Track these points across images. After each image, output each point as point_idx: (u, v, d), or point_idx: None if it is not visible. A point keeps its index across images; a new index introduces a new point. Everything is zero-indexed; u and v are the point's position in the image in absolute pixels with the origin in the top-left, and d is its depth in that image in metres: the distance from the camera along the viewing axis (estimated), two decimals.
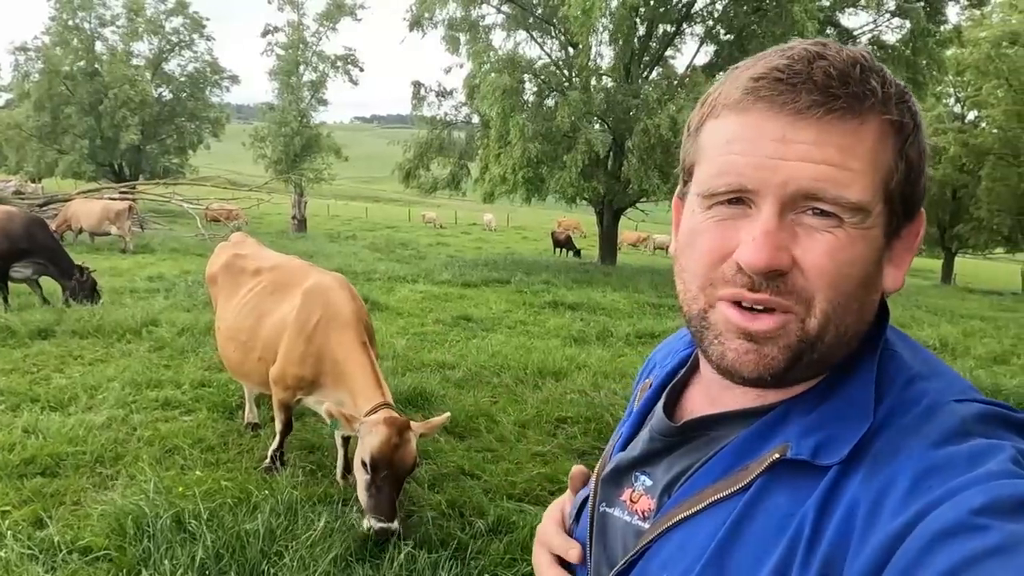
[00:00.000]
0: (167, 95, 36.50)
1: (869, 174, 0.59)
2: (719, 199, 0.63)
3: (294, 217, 28.96)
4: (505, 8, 17.87)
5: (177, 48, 36.11)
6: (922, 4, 14.73)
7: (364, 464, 2.87)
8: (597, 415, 5.16)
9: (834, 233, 0.59)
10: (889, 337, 0.67)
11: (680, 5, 16.31)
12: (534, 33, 18.14)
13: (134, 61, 34.51)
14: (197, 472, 3.68)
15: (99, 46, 34.19)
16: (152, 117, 34.16)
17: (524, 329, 8.64)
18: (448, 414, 3.32)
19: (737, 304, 0.62)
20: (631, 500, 0.75)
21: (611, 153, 15.15)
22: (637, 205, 17.91)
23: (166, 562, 2.69)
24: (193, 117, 36.56)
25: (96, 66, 33.19)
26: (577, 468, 0.88)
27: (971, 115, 26.79)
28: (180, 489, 3.41)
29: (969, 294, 21.26)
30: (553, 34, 17.93)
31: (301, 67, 30.31)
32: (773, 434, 0.64)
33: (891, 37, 16.37)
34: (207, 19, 35.91)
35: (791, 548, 0.57)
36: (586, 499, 0.82)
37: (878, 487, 0.55)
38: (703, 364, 0.74)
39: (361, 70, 31.60)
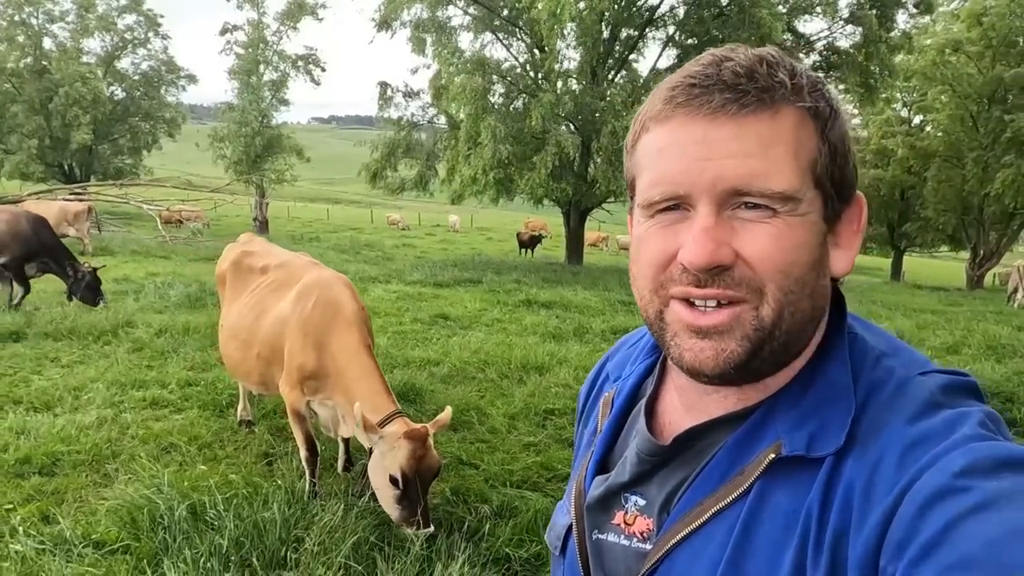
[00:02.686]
0: (120, 94, 35.53)
1: (792, 162, 0.61)
2: (658, 207, 0.65)
3: (255, 219, 28.53)
4: (472, 10, 17.96)
5: (131, 46, 35.18)
6: (874, 12, 15.41)
7: (394, 480, 2.84)
8: None
9: (771, 223, 0.61)
10: (848, 321, 0.69)
11: (643, 10, 16.67)
12: (500, 35, 18.28)
13: (84, 58, 33.49)
14: (201, 467, 3.70)
15: (47, 42, 33.07)
16: (105, 116, 33.19)
17: (501, 327, 8.75)
18: (449, 409, 3.23)
19: (689, 302, 0.64)
20: (625, 523, 0.73)
21: (579, 154, 15.39)
22: (603, 205, 18.19)
23: (186, 551, 2.73)
24: (148, 117, 35.66)
25: (44, 63, 32.07)
26: None
27: (917, 119, 27.97)
28: (185, 484, 3.44)
29: (918, 290, 22.17)
30: (519, 36, 18.11)
31: (261, 66, 29.78)
32: (763, 433, 0.64)
33: (845, 43, 17.05)
34: (162, 16, 35.09)
35: (802, 544, 0.58)
36: (569, 528, 0.80)
37: (869, 466, 0.57)
38: (675, 371, 0.74)
39: (323, 70, 31.22)
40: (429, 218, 46.52)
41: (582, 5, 13.05)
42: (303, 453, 3.47)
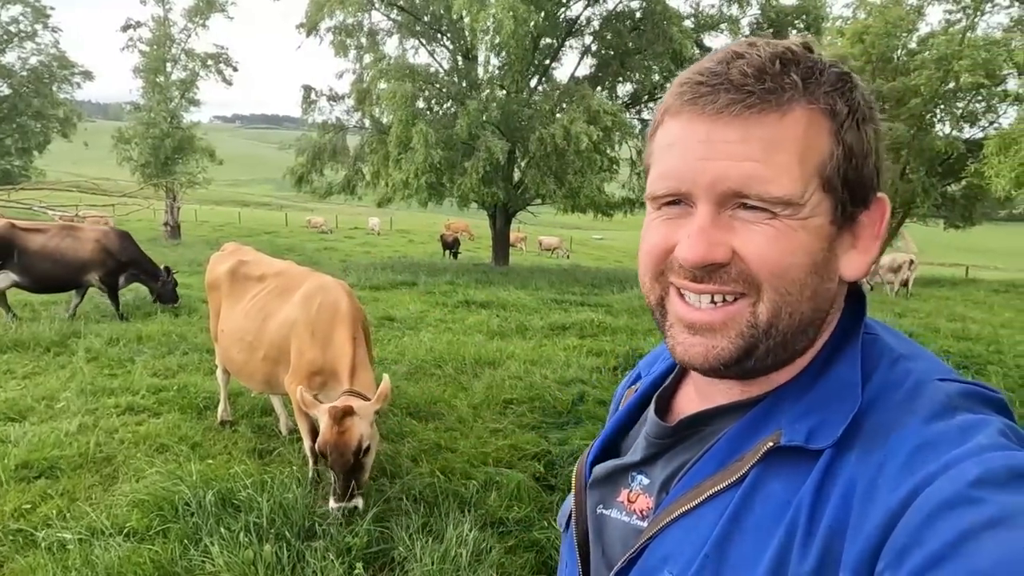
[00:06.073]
0: (6, 90, 33.21)
1: (796, 165, 0.60)
2: (662, 201, 0.67)
3: (166, 223, 27.40)
4: (395, 15, 18.21)
5: (16, 39, 32.94)
6: (771, 31, 16.87)
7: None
8: (538, 395, 5.84)
9: (770, 225, 0.61)
10: (869, 323, 0.69)
11: (563, 21, 17.48)
12: (423, 40, 18.62)
13: None
14: (208, 461, 3.96)
15: None
16: None
17: (446, 327, 9.17)
18: (386, 376, 3.43)
19: (683, 296, 0.66)
20: (628, 500, 0.76)
21: (506, 160, 16.00)
22: (528, 208, 18.87)
23: (222, 530, 3.06)
24: (39, 115, 33.51)
25: None
26: None
27: None
28: (193, 477, 3.71)
29: None
30: (441, 42, 18.51)
31: (168, 65, 28.64)
32: (765, 423, 0.65)
33: None
34: (52, 8, 33.03)
35: (789, 534, 0.58)
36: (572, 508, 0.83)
37: (874, 464, 0.56)
38: None
39: (235, 70, 30.35)
40: (346, 220, 45.89)
41: (511, 15, 13.62)
42: (307, 443, 3.81)
